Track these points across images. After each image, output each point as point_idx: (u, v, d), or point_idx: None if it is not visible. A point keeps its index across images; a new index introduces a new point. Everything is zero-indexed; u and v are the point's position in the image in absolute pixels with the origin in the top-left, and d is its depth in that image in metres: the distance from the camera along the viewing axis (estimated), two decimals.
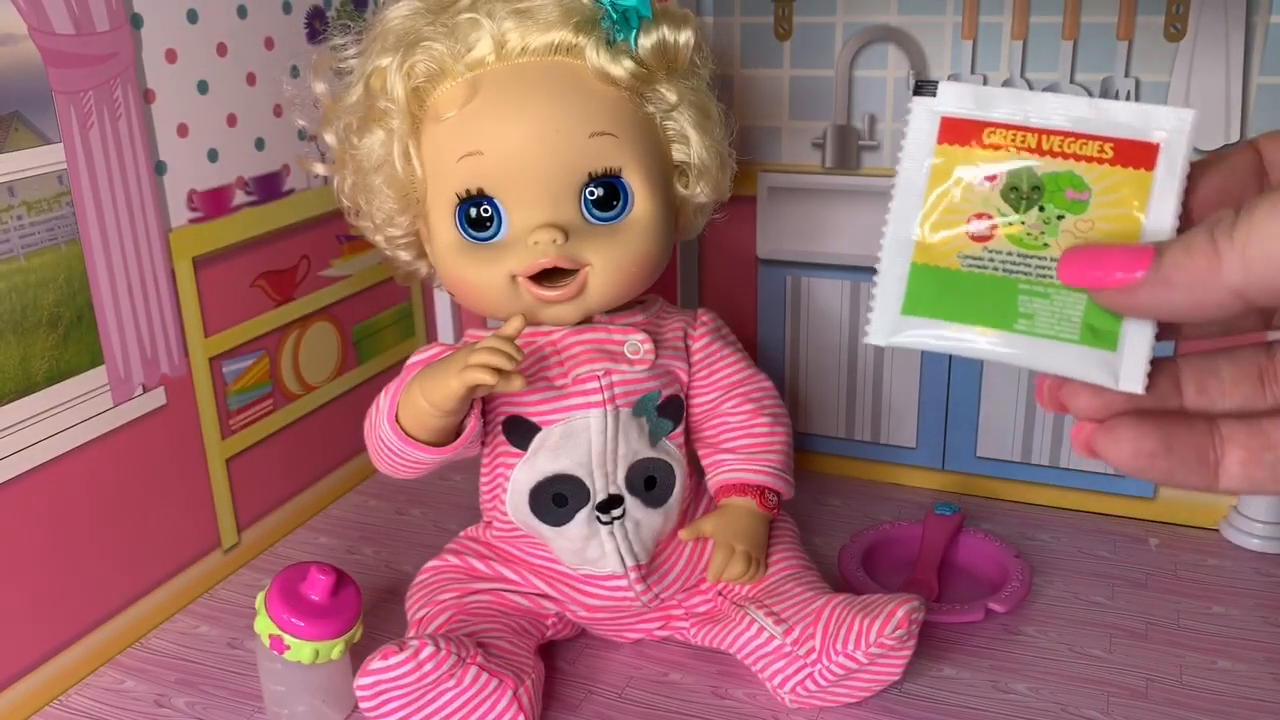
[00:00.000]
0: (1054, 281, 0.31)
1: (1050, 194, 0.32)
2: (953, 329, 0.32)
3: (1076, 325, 0.31)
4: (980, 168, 0.32)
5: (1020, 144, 0.32)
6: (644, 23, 0.60)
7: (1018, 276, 0.32)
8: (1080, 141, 0.31)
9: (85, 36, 0.64)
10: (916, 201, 0.33)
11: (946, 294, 0.32)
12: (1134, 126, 0.31)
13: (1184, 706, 0.62)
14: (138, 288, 0.69)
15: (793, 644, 0.62)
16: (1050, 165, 0.32)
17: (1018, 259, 0.32)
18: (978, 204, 0.32)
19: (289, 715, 0.62)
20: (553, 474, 0.63)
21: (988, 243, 0.32)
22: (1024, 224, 0.32)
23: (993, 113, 0.32)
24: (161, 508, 0.72)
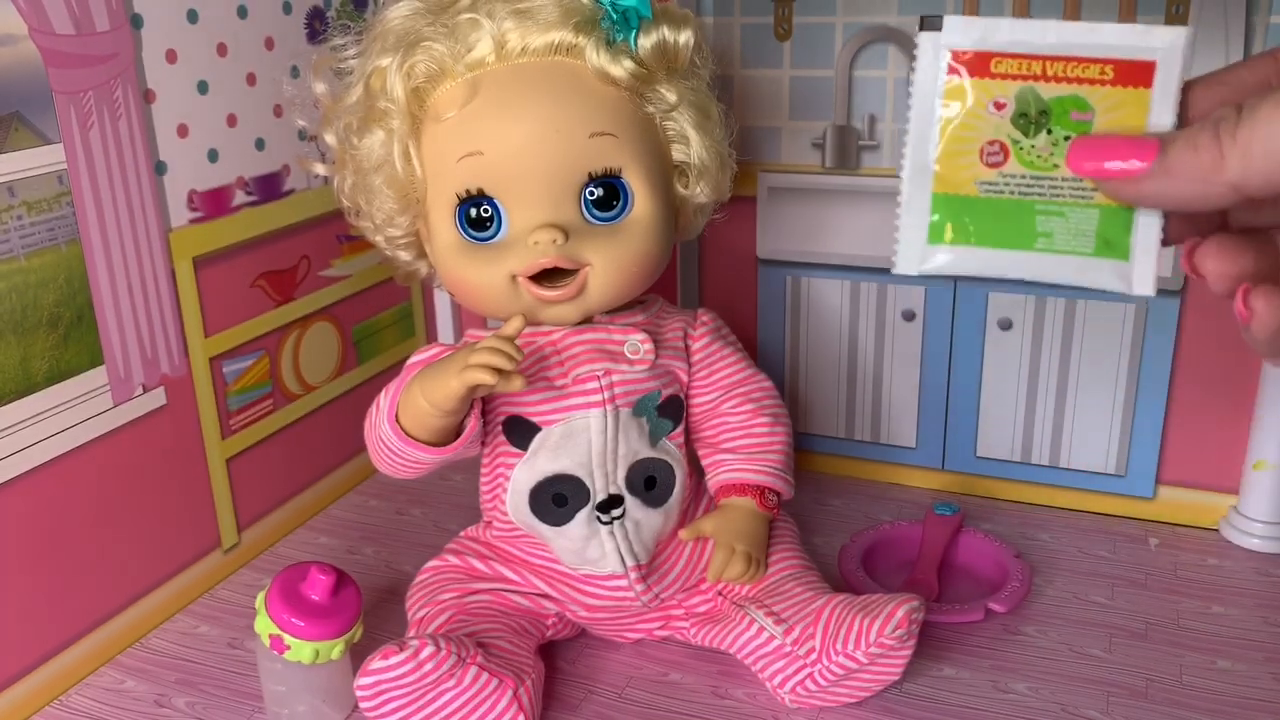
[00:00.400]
0: (1068, 200, 0.33)
1: (1057, 117, 0.34)
2: (978, 253, 0.35)
3: (1091, 239, 0.33)
4: (989, 96, 0.34)
5: (1026, 71, 0.33)
6: (644, 23, 0.60)
7: (1033, 198, 0.34)
8: (1082, 65, 0.33)
9: (85, 36, 0.64)
10: (931, 133, 0.35)
11: (968, 220, 0.34)
12: (1131, 46, 0.33)
13: (1184, 706, 0.62)
14: (138, 288, 0.69)
15: (793, 644, 0.62)
16: (1055, 89, 0.33)
17: (1031, 181, 0.34)
18: (989, 131, 0.34)
19: (289, 715, 0.62)
20: (553, 474, 0.63)
21: (1002, 167, 0.34)
22: (1034, 147, 0.34)
23: (997, 43, 0.34)
24: (161, 508, 0.72)
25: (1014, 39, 0.33)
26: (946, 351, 0.85)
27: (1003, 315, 0.83)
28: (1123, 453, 0.82)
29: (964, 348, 0.85)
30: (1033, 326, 0.82)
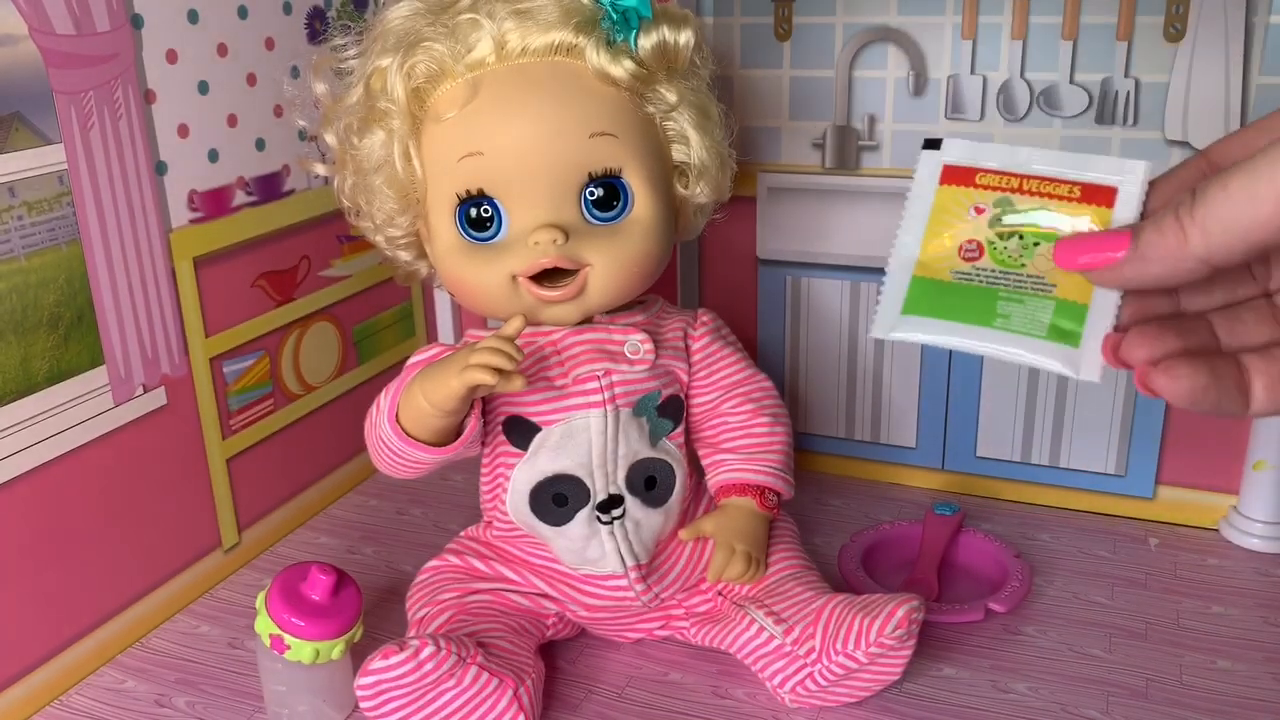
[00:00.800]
0: (1029, 292, 0.38)
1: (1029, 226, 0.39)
2: (942, 324, 0.39)
3: (1044, 325, 0.38)
4: (971, 202, 0.40)
5: (1005, 185, 0.39)
6: (644, 23, 0.60)
7: (999, 287, 0.39)
8: (1054, 184, 0.39)
9: (86, 37, 0.64)
10: (920, 228, 0.40)
11: (939, 299, 0.39)
12: (1098, 173, 0.38)
13: (1184, 706, 0.62)
14: (138, 288, 0.69)
15: (793, 644, 0.62)
16: (1030, 203, 0.39)
17: (999, 274, 0.39)
18: (969, 232, 0.39)
19: (289, 715, 0.62)
20: (553, 474, 0.63)
21: (977, 262, 0.39)
22: (1007, 248, 0.39)
23: (984, 162, 0.40)
24: (162, 508, 0.72)
25: (999, 160, 0.40)
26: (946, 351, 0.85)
27: None
28: (1123, 453, 0.82)
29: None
30: None
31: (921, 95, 0.80)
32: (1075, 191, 0.39)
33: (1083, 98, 0.76)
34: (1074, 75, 0.76)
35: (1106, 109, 0.76)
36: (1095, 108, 0.76)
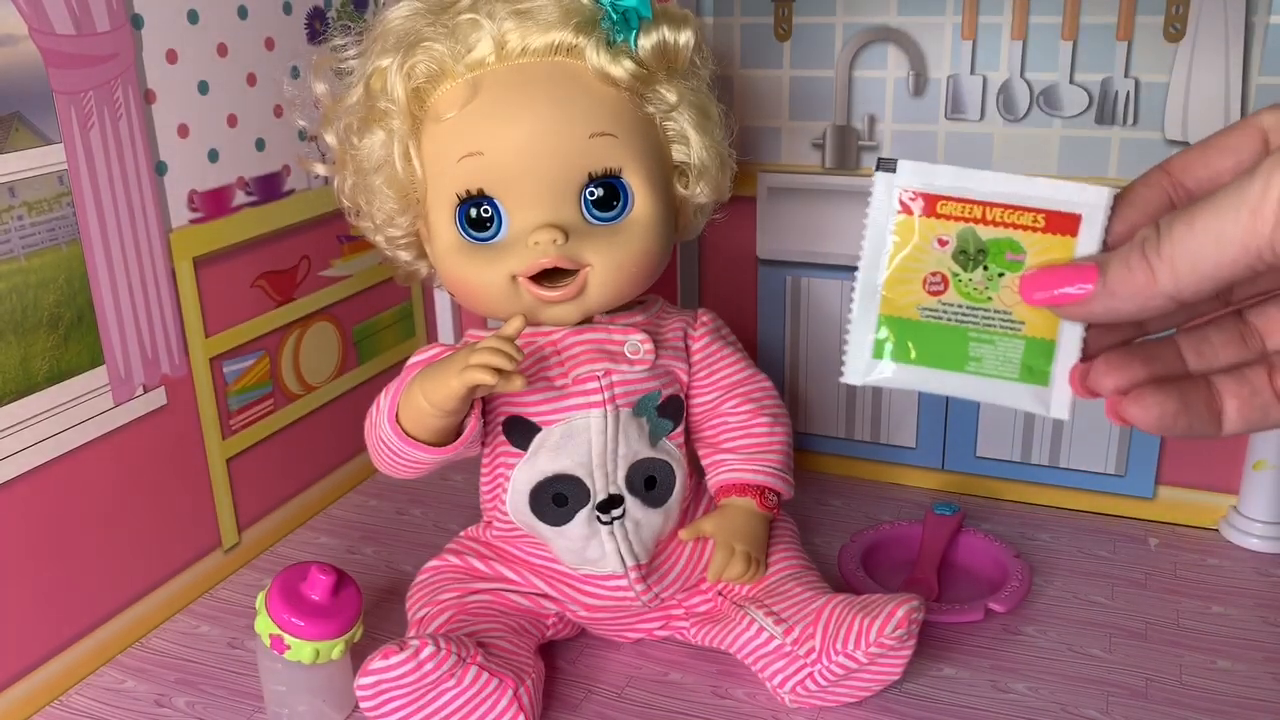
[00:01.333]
0: (998, 330, 0.38)
1: (993, 255, 0.38)
2: (915, 371, 0.39)
3: (1016, 366, 0.38)
4: (934, 233, 0.38)
5: (967, 214, 0.38)
6: (644, 23, 0.60)
7: (967, 325, 0.38)
8: (1018, 213, 0.37)
9: (86, 37, 0.64)
10: (881, 261, 0.39)
11: (909, 340, 0.39)
12: (1061, 200, 0.37)
13: (1184, 706, 0.62)
14: (138, 288, 0.69)
15: (793, 644, 0.62)
16: (992, 232, 0.38)
17: (967, 310, 0.38)
18: (932, 264, 0.38)
19: (289, 715, 0.62)
20: (553, 474, 0.63)
21: (942, 296, 0.39)
22: (971, 280, 0.38)
23: (943, 187, 0.38)
24: (162, 508, 0.72)
25: (958, 185, 0.38)
26: None
27: None
28: (1122, 452, 0.82)
29: None
30: None
31: (921, 95, 0.80)
32: (1039, 220, 0.38)
33: (1083, 98, 0.76)
34: (1074, 75, 0.76)
35: (1106, 109, 0.76)
36: (1095, 108, 0.76)
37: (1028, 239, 0.38)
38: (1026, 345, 0.38)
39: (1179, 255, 0.32)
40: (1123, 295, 0.34)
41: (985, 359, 0.39)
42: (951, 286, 0.39)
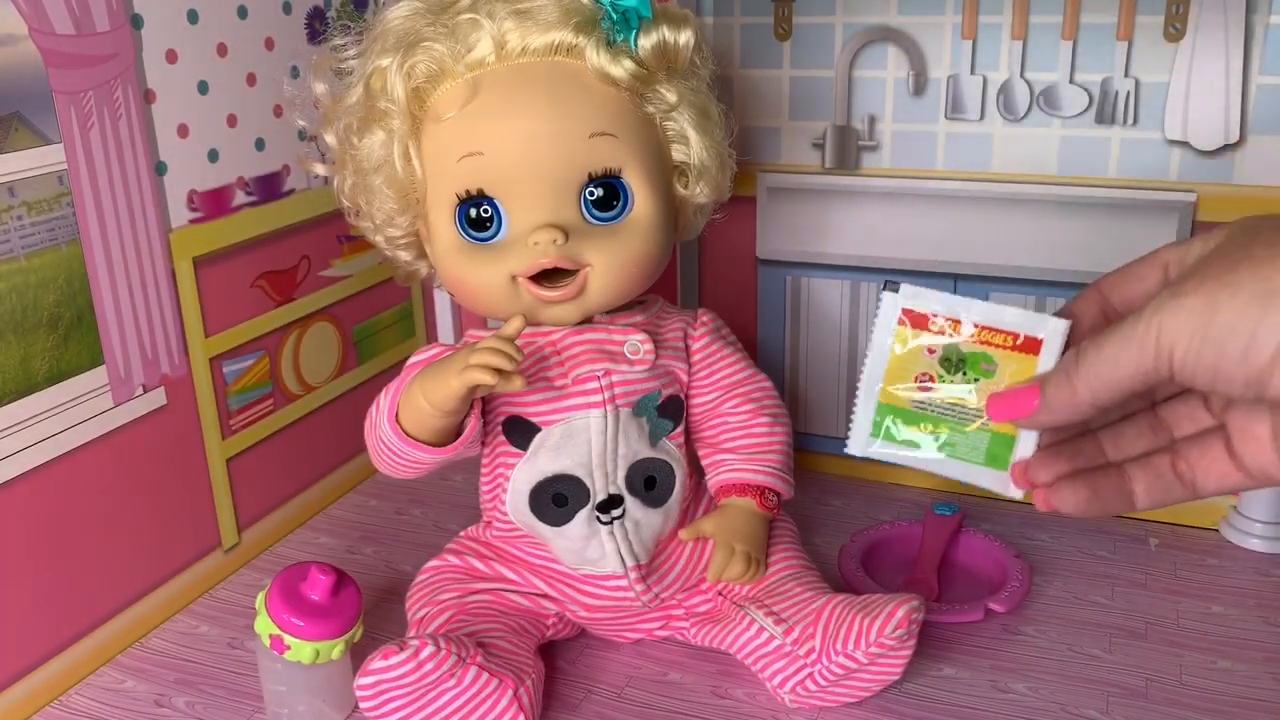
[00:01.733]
0: (970, 422, 0.48)
1: (971, 365, 0.47)
2: (904, 449, 0.49)
3: (983, 453, 0.48)
4: (925, 343, 0.48)
5: (953, 331, 0.47)
6: (644, 23, 0.60)
7: (947, 418, 0.48)
8: (994, 333, 0.47)
9: (85, 37, 0.64)
10: (883, 361, 0.48)
11: (901, 425, 0.49)
12: (1029, 327, 0.46)
13: (1184, 706, 0.62)
14: (138, 288, 0.69)
15: (793, 644, 0.62)
16: (972, 347, 0.47)
17: (947, 407, 0.48)
18: (923, 366, 0.48)
19: (289, 715, 0.62)
20: (553, 474, 0.63)
21: (929, 393, 0.48)
22: (953, 383, 0.48)
23: (937, 308, 0.47)
24: (161, 508, 0.72)
25: (947, 308, 0.47)
26: None
27: None
28: None
29: None
30: None
31: (921, 95, 0.80)
32: (1010, 341, 0.47)
33: (1083, 98, 0.76)
34: (1074, 75, 0.76)
35: (1106, 109, 0.76)
36: (1095, 108, 0.76)
37: (1000, 355, 0.47)
38: (991, 437, 0.48)
39: (1091, 375, 0.41)
40: (1057, 409, 0.43)
41: (959, 445, 0.48)
42: (937, 386, 0.48)
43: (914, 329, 0.48)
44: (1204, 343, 0.38)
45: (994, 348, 0.47)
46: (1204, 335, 0.38)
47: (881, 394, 0.49)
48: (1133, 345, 0.40)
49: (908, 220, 0.82)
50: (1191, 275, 0.39)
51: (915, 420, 0.49)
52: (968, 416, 0.48)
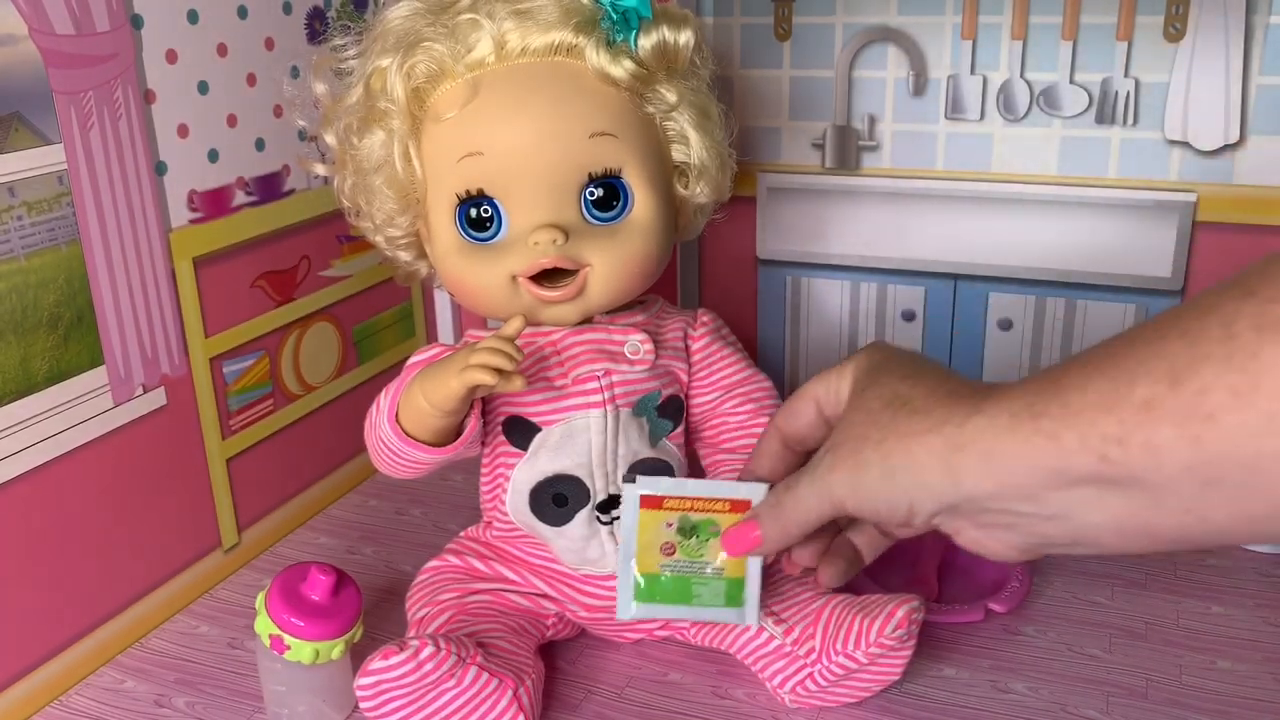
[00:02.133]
0: (709, 576, 0.59)
1: (701, 530, 0.58)
2: (662, 606, 0.59)
3: (722, 597, 0.59)
4: (663, 519, 0.58)
5: (683, 506, 0.58)
6: (644, 23, 0.60)
7: (691, 575, 0.59)
8: (713, 502, 0.58)
9: (85, 37, 0.64)
10: (633, 539, 0.58)
11: (656, 588, 0.59)
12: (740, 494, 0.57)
13: (1184, 706, 0.62)
14: (138, 288, 0.69)
15: (793, 644, 0.62)
16: (699, 515, 0.58)
17: (689, 565, 0.59)
18: (665, 537, 0.58)
19: (289, 715, 0.62)
20: (553, 474, 0.63)
21: (672, 557, 0.58)
22: (690, 545, 0.58)
23: (667, 491, 0.58)
24: (161, 508, 0.72)
25: (675, 489, 0.58)
26: (946, 351, 0.85)
27: (1003, 315, 0.83)
28: None
29: (964, 348, 0.85)
30: (1033, 326, 0.82)
31: (921, 95, 0.80)
32: (725, 506, 0.57)
33: (1083, 98, 0.76)
34: (1074, 75, 0.76)
35: (1106, 109, 0.76)
36: (1095, 108, 0.76)
37: (720, 518, 0.58)
38: (727, 584, 0.59)
39: (789, 517, 0.51)
40: (775, 540, 0.53)
41: (703, 595, 0.59)
42: (678, 550, 0.58)
43: (652, 510, 0.58)
44: (860, 501, 0.46)
45: (715, 513, 0.58)
46: (857, 498, 0.46)
47: (636, 565, 0.59)
48: (813, 497, 0.48)
49: (908, 220, 0.82)
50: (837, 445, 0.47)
51: (666, 582, 0.59)
52: (706, 571, 0.59)
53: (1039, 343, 0.82)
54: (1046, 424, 0.37)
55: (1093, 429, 0.35)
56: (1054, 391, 0.37)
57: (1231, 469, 0.32)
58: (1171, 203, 0.76)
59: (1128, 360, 0.35)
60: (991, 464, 0.39)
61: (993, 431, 0.39)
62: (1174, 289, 0.77)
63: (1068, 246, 0.79)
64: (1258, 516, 0.33)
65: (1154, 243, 0.77)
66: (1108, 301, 0.79)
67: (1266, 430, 0.30)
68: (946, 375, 0.45)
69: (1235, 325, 0.31)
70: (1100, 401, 0.35)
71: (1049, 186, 0.79)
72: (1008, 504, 0.40)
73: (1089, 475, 0.36)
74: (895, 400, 0.44)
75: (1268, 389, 0.30)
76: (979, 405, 0.41)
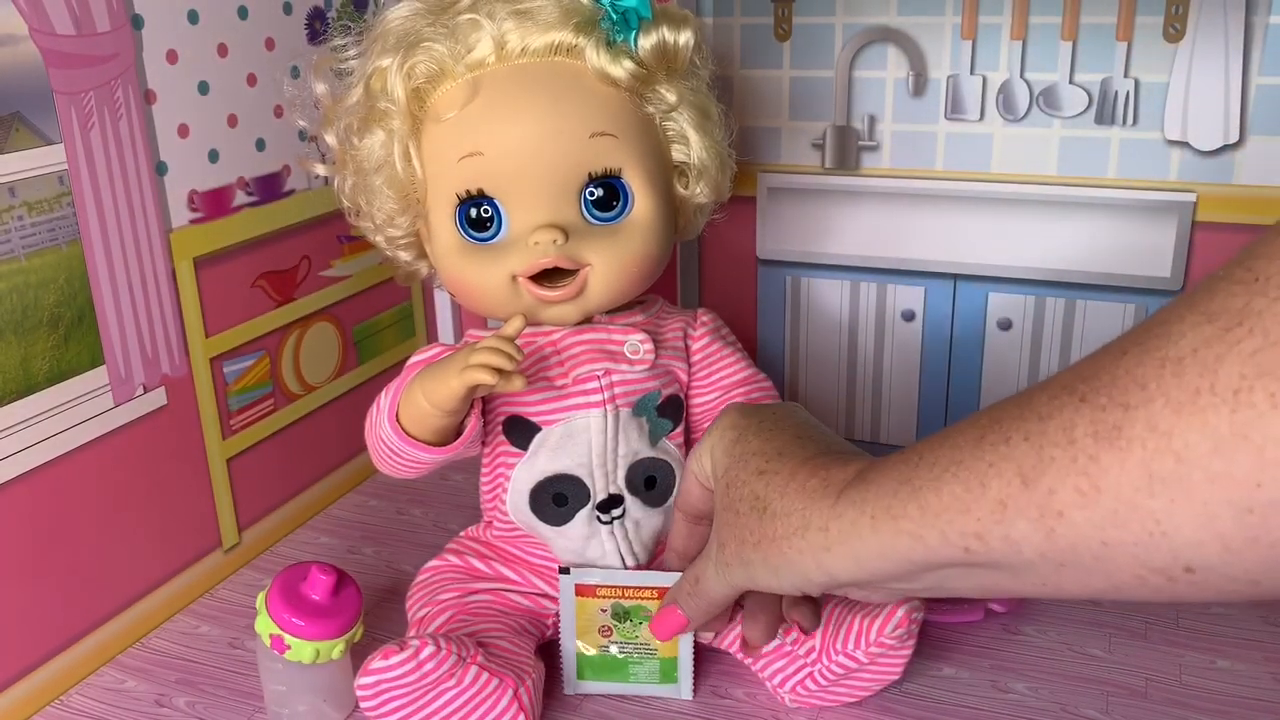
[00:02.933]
0: (644, 655, 0.63)
1: (633, 614, 0.63)
2: (602, 684, 0.64)
3: (657, 674, 0.64)
4: (598, 605, 0.63)
5: (616, 594, 0.62)
6: (644, 23, 0.60)
7: (628, 655, 0.63)
8: (642, 590, 0.62)
9: (86, 37, 0.64)
10: (572, 624, 0.63)
11: (596, 667, 0.64)
12: (663, 581, 0.60)
13: (1183, 706, 0.62)
14: (138, 288, 0.69)
15: (793, 643, 0.62)
16: (631, 602, 0.62)
17: (625, 645, 0.63)
18: (601, 621, 0.63)
19: (289, 715, 0.62)
20: (553, 474, 0.63)
21: (610, 638, 0.63)
22: (624, 629, 0.63)
23: (599, 581, 0.62)
24: (162, 508, 0.72)
25: (606, 579, 0.62)
26: (946, 351, 0.85)
27: (1003, 315, 0.83)
28: None
29: (964, 348, 0.85)
30: (1032, 326, 0.82)
31: (921, 95, 0.80)
32: (654, 593, 0.62)
33: (1082, 98, 0.76)
34: (1074, 75, 0.76)
35: (1106, 109, 0.76)
36: (1095, 108, 0.76)
37: (650, 604, 0.62)
38: (661, 663, 0.63)
39: (704, 598, 0.53)
40: (695, 617, 0.55)
41: (640, 673, 0.64)
42: (615, 633, 0.63)
43: (588, 598, 0.63)
44: (758, 587, 0.49)
45: (644, 599, 0.62)
46: (755, 585, 0.49)
47: (578, 645, 0.64)
48: (720, 586, 0.51)
49: (908, 220, 0.82)
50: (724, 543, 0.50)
51: (604, 661, 0.64)
52: (640, 651, 0.63)
53: (1039, 343, 0.82)
54: (907, 524, 0.40)
55: (952, 527, 0.38)
56: (909, 493, 0.40)
57: (1081, 554, 0.35)
58: (1171, 203, 0.76)
59: (976, 463, 0.38)
60: (861, 562, 0.43)
61: (856, 534, 0.43)
62: (1173, 289, 0.77)
63: (1067, 246, 0.79)
64: (1102, 589, 0.36)
65: (1154, 243, 0.77)
66: (1107, 301, 0.79)
67: (1110, 523, 0.34)
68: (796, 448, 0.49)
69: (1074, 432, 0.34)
70: (955, 504, 0.38)
71: (1049, 186, 0.79)
72: (882, 583, 0.44)
73: (954, 561, 0.39)
74: (756, 505, 0.48)
75: (1109, 489, 0.33)
76: (835, 506, 0.44)
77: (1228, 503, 0.31)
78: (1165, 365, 0.32)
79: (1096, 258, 0.79)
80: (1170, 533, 0.32)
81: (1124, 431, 0.33)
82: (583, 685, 0.64)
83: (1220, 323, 0.31)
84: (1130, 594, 0.36)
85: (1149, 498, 0.32)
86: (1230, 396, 0.30)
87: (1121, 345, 0.35)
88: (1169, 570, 0.33)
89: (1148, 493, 0.32)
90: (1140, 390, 0.33)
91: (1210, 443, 0.31)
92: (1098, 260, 0.79)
